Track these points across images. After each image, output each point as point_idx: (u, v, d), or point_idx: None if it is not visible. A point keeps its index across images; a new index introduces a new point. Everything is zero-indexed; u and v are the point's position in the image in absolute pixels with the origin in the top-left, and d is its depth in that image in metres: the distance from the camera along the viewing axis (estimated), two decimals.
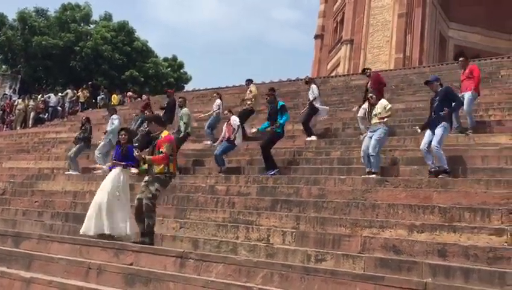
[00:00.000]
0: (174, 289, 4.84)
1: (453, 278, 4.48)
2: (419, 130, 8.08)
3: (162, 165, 6.27)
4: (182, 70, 39.43)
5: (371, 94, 8.53)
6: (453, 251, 4.97)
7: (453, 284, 4.31)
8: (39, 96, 23.97)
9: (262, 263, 5.00)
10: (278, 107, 9.23)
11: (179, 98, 11.78)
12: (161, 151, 6.26)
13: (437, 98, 7.63)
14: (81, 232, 6.71)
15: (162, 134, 6.46)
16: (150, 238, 6.20)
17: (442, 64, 18.74)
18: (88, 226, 6.66)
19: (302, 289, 4.46)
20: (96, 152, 11.21)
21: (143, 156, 6.47)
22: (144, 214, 6.29)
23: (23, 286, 5.55)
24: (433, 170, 7.16)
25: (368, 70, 11.38)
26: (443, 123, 7.33)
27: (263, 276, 4.76)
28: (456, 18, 26.69)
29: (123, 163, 7.00)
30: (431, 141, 7.26)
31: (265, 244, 5.92)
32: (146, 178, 6.46)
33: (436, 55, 25.47)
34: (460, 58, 9.94)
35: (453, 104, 7.59)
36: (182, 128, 10.45)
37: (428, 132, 7.46)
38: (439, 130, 7.30)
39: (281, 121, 9.09)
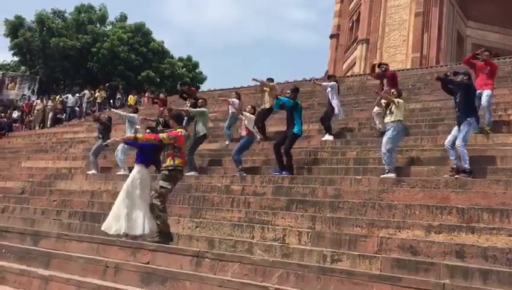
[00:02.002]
0: (190, 288, 4.87)
1: (471, 280, 4.43)
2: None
3: (168, 160, 6.32)
4: (197, 70, 39.62)
5: (393, 90, 8.46)
6: (471, 252, 4.91)
7: (472, 285, 4.26)
8: (57, 97, 24.30)
9: (278, 262, 5.00)
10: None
11: (200, 99, 11.63)
12: (175, 146, 6.33)
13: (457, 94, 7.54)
14: (102, 229, 6.79)
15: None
16: (161, 238, 6.21)
17: (460, 64, 18.51)
18: (107, 223, 6.75)
19: (318, 289, 4.45)
20: (116, 153, 11.26)
21: (133, 135, 6.75)
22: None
23: (42, 283, 5.63)
24: (454, 166, 7.04)
25: (384, 66, 11.21)
26: (468, 119, 7.22)
27: (279, 276, 4.76)
28: (474, 16, 26.36)
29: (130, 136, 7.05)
30: (456, 138, 7.17)
31: (280, 244, 5.91)
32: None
33: (454, 54, 25.19)
34: (486, 52, 9.60)
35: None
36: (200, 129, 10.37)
37: (455, 128, 7.37)
38: (464, 126, 7.20)
39: (282, 99, 9.11)
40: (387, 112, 8.17)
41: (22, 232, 7.55)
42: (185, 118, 11.01)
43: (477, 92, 8.50)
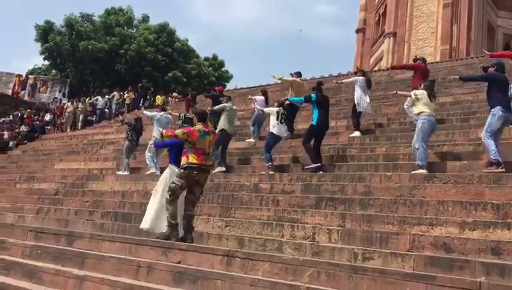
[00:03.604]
0: (221, 287, 4.88)
1: (508, 277, 4.30)
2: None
3: (183, 159, 6.45)
4: (222, 69, 39.81)
5: (420, 83, 8.31)
6: (507, 249, 4.77)
7: (509, 284, 4.13)
8: (87, 99, 24.78)
9: (308, 261, 4.97)
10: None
11: (223, 96, 11.83)
12: (189, 141, 6.41)
13: None
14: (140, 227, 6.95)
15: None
16: (170, 230, 6.33)
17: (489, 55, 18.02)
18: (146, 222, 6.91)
19: (350, 288, 4.40)
20: (146, 153, 11.45)
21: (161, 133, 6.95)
22: (185, 211, 6.45)
23: (77, 283, 5.74)
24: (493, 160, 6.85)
25: (420, 59, 11.00)
26: (492, 110, 7.03)
27: (310, 275, 4.73)
28: (505, 6, 25.65)
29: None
30: None
31: (310, 243, 5.88)
32: None
33: (485, 45, 24.49)
34: None
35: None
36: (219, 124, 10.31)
37: None
38: (488, 118, 7.05)
39: (290, 98, 9.48)
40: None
41: (56, 233, 7.72)
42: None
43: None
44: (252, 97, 12.58)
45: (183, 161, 6.43)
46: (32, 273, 6.29)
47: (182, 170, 6.42)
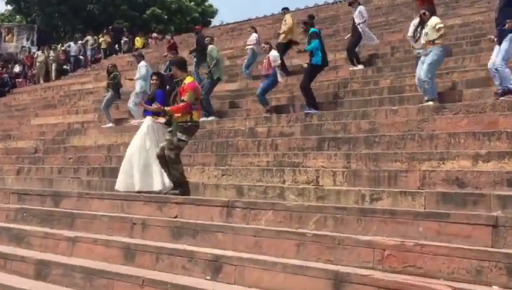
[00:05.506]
0: (223, 239, 4.97)
1: None
2: (495, 39, 7.70)
3: (184, 114, 6.29)
4: (206, 4, 38.80)
5: (424, 10, 8.16)
6: None
7: None
8: (59, 46, 24.26)
9: (313, 207, 5.04)
10: (308, 35, 9.13)
11: (206, 37, 11.64)
12: (183, 100, 6.28)
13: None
14: (115, 188, 6.99)
15: (186, 80, 6.46)
16: (181, 189, 6.34)
17: None
18: (120, 182, 6.94)
19: (359, 231, 4.48)
20: (129, 104, 11.33)
21: (162, 107, 6.56)
22: (168, 165, 6.41)
23: (69, 245, 5.84)
24: (499, 91, 6.89)
25: None
26: (508, 36, 6.96)
27: (316, 221, 4.80)
28: None
29: (149, 107, 7.04)
30: None
31: (314, 187, 5.94)
32: (170, 128, 6.53)
33: None
34: None
35: None
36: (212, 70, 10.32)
37: (496, 47, 7.13)
38: (503, 45, 6.96)
39: (307, 48, 9.09)
40: (423, 33, 7.91)
41: (41, 193, 7.75)
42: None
43: None
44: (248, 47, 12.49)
45: (186, 117, 6.27)
46: (19, 237, 6.39)
47: (187, 126, 6.31)
